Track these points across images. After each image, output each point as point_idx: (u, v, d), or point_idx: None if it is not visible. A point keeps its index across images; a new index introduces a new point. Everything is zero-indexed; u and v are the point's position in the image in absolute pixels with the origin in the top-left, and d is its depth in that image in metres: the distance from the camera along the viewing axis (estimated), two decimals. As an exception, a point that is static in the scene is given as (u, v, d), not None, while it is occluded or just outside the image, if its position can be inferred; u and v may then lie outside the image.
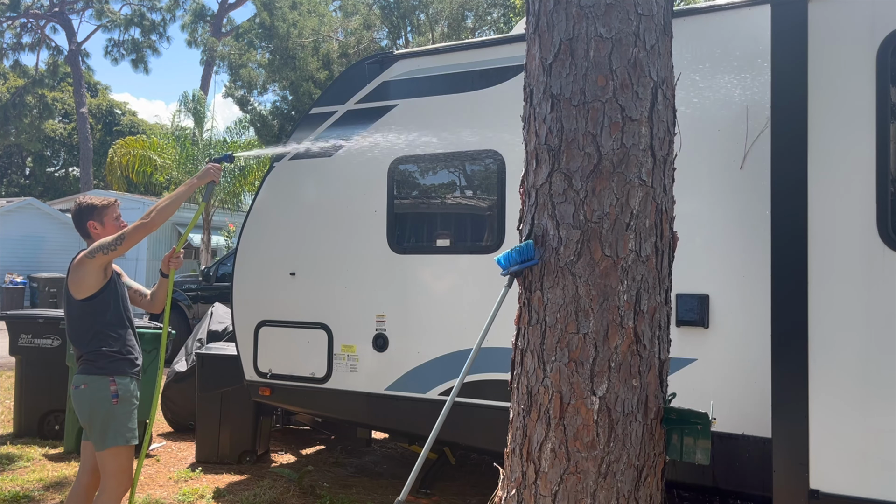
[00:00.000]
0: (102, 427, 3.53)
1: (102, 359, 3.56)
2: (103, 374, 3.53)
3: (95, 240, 3.65)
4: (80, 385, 3.55)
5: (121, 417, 3.54)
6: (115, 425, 3.53)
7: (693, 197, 3.74)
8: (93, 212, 3.72)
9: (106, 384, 3.53)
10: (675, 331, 3.55)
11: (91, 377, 3.54)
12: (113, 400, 3.52)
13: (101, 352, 3.56)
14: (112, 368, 3.56)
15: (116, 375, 3.56)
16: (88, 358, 3.57)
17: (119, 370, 3.58)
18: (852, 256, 3.03)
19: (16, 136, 35.41)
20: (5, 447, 6.15)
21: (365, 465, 6.02)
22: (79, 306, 3.60)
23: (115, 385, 3.53)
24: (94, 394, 3.52)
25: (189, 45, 36.99)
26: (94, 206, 3.74)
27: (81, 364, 3.60)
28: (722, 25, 3.85)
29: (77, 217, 3.75)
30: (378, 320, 4.76)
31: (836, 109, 3.08)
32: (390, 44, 21.86)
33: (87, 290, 3.57)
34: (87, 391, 3.54)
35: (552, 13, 2.63)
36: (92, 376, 3.54)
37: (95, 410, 3.53)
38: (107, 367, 3.55)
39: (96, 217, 3.72)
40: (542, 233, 2.62)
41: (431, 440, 3.22)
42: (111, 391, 3.52)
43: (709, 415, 2.60)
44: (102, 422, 3.52)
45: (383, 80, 4.89)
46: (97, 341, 3.57)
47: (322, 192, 5.14)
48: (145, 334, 6.22)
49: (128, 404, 3.59)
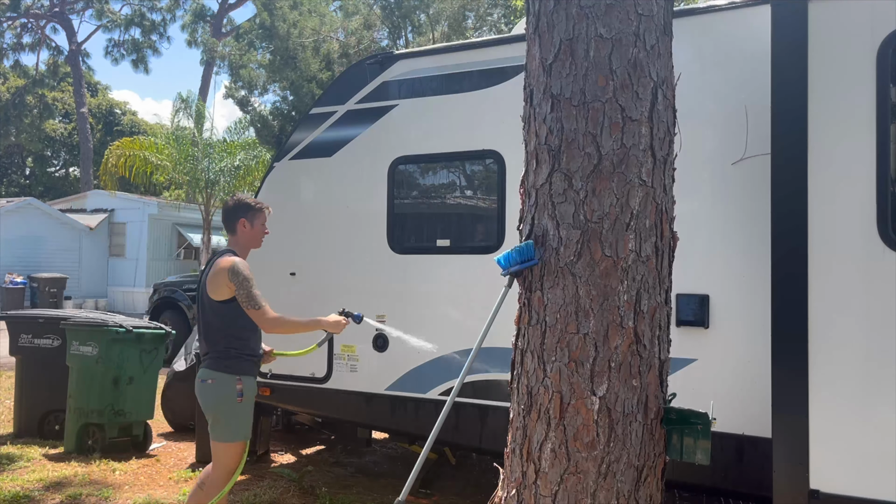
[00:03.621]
0: (225, 422, 3.68)
1: (231, 358, 3.68)
2: (231, 373, 3.66)
3: (241, 238, 3.80)
4: (208, 380, 3.68)
5: (242, 415, 3.69)
6: (237, 422, 3.68)
7: (693, 197, 3.74)
8: (247, 211, 3.81)
9: (233, 383, 3.65)
10: (675, 331, 3.55)
11: (219, 374, 3.66)
12: (238, 398, 3.65)
13: (231, 352, 3.68)
14: (240, 368, 3.69)
15: (243, 375, 3.69)
16: (216, 356, 3.70)
17: (246, 370, 3.72)
18: (852, 256, 3.03)
19: (16, 136, 35.42)
20: (5, 447, 6.15)
21: (365, 465, 6.02)
22: (215, 306, 3.69)
23: (241, 384, 3.67)
24: (220, 390, 3.65)
25: (189, 46, 36.99)
26: (250, 205, 3.83)
27: (209, 360, 3.73)
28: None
29: (230, 212, 3.83)
30: (378, 320, 4.76)
31: (836, 109, 3.08)
32: (391, 44, 21.86)
33: (223, 295, 3.67)
34: (213, 386, 3.67)
35: (552, 13, 2.63)
36: (220, 373, 3.66)
37: (221, 406, 3.67)
38: (235, 366, 3.67)
39: (249, 216, 3.81)
40: (542, 233, 2.62)
41: (431, 440, 3.22)
42: (237, 390, 3.65)
43: (709, 415, 2.60)
44: (226, 417, 3.67)
45: (383, 80, 4.89)
46: (228, 341, 3.69)
47: (322, 193, 5.14)
48: (145, 334, 6.24)
49: (249, 403, 3.73)
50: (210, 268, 3.72)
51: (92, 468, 5.61)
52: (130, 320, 6.44)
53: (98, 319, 6.21)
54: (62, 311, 9.79)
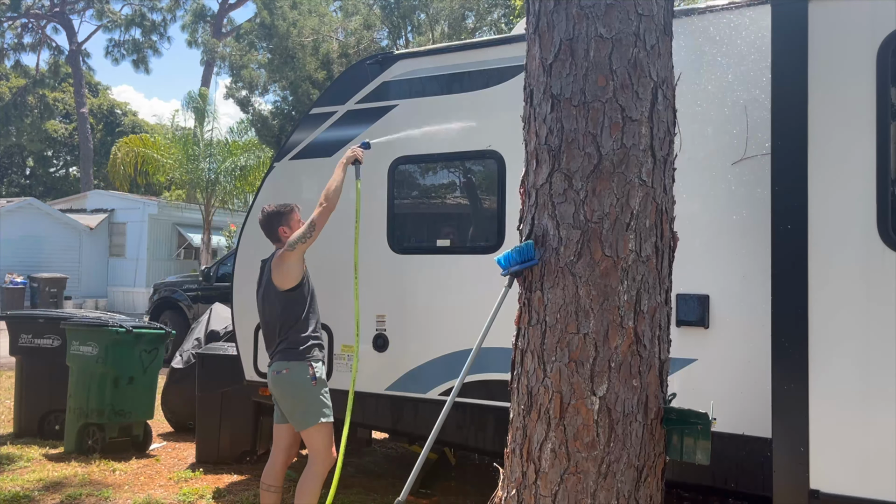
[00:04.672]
0: (305, 408, 3.87)
1: (301, 345, 3.89)
2: (302, 360, 3.88)
3: (285, 242, 3.99)
4: (282, 370, 3.88)
5: (319, 397, 3.89)
6: (316, 405, 3.87)
7: (693, 197, 3.74)
8: (281, 217, 4.07)
9: (305, 368, 3.87)
10: (676, 331, 3.54)
11: (292, 363, 3.87)
12: (312, 382, 3.86)
13: (300, 339, 3.89)
14: (310, 355, 3.91)
15: (313, 360, 3.91)
16: (288, 346, 3.90)
17: (314, 356, 3.93)
18: (852, 256, 3.03)
19: (17, 136, 35.44)
20: (5, 447, 6.15)
21: (365, 465, 6.02)
22: (283, 297, 3.92)
23: (313, 369, 3.88)
24: (295, 378, 3.86)
25: (189, 46, 36.98)
26: (280, 212, 4.08)
27: (280, 352, 3.92)
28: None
29: (267, 224, 4.09)
30: (378, 320, 4.76)
31: (836, 109, 3.08)
32: (391, 44, 21.85)
33: (291, 281, 3.91)
34: (288, 375, 3.87)
35: (552, 13, 2.63)
36: (292, 362, 3.87)
37: (298, 393, 3.88)
38: (305, 353, 3.89)
39: (284, 222, 4.06)
40: (543, 233, 2.62)
41: (431, 440, 3.22)
42: (310, 374, 3.87)
43: (709, 415, 2.60)
44: (305, 403, 3.87)
45: (383, 80, 4.89)
46: (297, 330, 3.91)
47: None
48: (145, 334, 6.24)
49: (322, 385, 3.93)
50: (269, 263, 3.99)
51: (92, 468, 5.61)
52: (130, 320, 6.44)
53: (98, 319, 6.22)
54: (62, 311, 9.80)
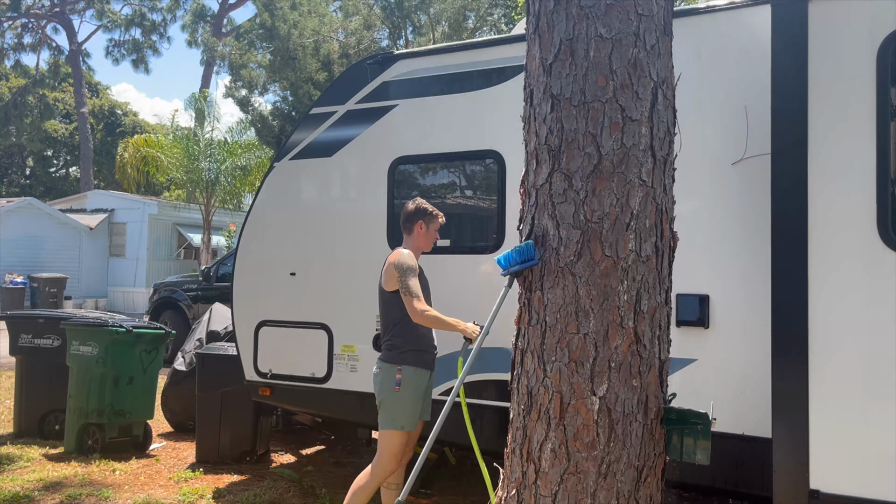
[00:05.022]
0: (383, 410, 3.86)
1: (395, 349, 3.88)
2: (393, 363, 3.86)
3: (415, 238, 4.00)
4: (376, 370, 3.92)
5: (399, 405, 3.83)
6: (393, 411, 3.84)
7: (693, 197, 3.74)
8: (425, 215, 4.01)
9: (393, 372, 3.84)
10: (675, 331, 3.55)
11: (384, 364, 3.89)
12: (395, 387, 3.82)
13: (395, 342, 3.88)
14: (401, 358, 3.86)
15: (404, 365, 3.85)
16: (385, 346, 3.92)
17: (407, 360, 3.86)
18: (852, 257, 3.02)
19: (17, 136, 35.43)
20: (5, 447, 6.15)
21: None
22: (386, 298, 3.92)
23: (401, 374, 3.83)
24: (383, 379, 3.86)
25: (189, 46, 37.01)
26: (429, 211, 4.02)
27: (381, 350, 3.97)
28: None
29: (411, 214, 4.02)
30: (378, 320, 4.75)
31: (836, 109, 3.08)
32: (391, 44, 21.85)
33: (392, 285, 3.87)
34: (378, 375, 3.90)
35: (552, 13, 2.63)
36: (384, 363, 3.89)
37: (380, 393, 3.87)
38: (397, 357, 3.86)
39: (426, 220, 4.01)
40: (543, 233, 2.62)
41: (431, 440, 3.23)
42: (396, 379, 3.83)
43: (709, 415, 2.60)
44: (384, 405, 3.85)
45: (384, 80, 4.89)
46: (394, 332, 3.90)
47: (322, 192, 5.14)
48: (145, 335, 6.24)
49: (408, 393, 3.84)
50: (385, 262, 3.97)
51: (92, 468, 5.61)
52: (130, 320, 6.44)
53: (98, 319, 6.22)
54: (62, 311, 9.80)
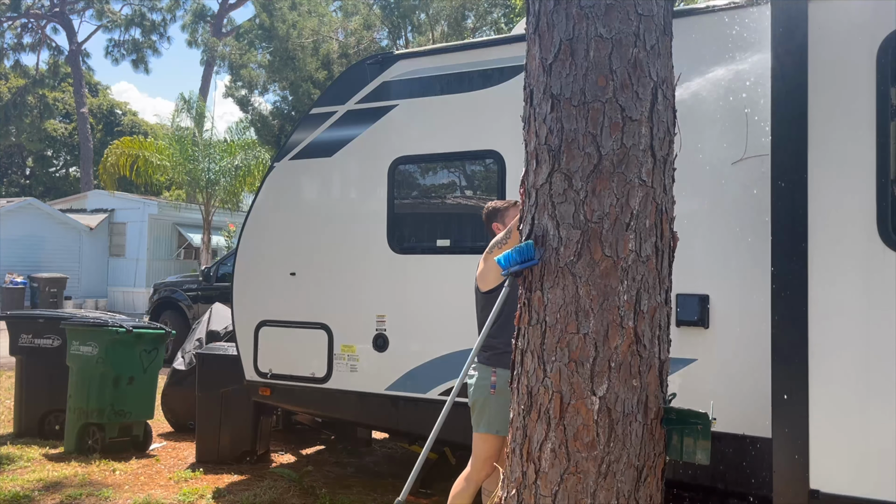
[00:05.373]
0: (478, 413, 3.77)
1: (490, 350, 3.75)
2: (489, 365, 3.75)
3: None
4: (473, 372, 3.82)
5: (494, 408, 3.70)
6: (489, 414, 3.73)
7: (693, 197, 3.74)
8: (496, 215, 3.95)
9: (488, 374, 3.74)
10: (675, 331, 3.55)
11: (480, 366, 3.79)
12: (491, 390, 3.72)
13: (491, 343, 3.74)
14: (496, 361, 3.72)
15: (499, 367, 3.71)
16: (482, 348, 3.78)
17: (503, 363, 3.72)
18: (852, 257, 3.02)
19: (16, 135, 35.41)
20: (5, 447, 6.15)
21: (365, 465, 6.02)
22: (480, 298, 3.83)
23: (496, 377, 3.71)
24: (478, 381, 3.78)
25: (189, 46, 37.00)
26: (498, 209, 3.95)
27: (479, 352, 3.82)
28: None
29: (486, 220, 4.00)
30: (378, 320, 4.76)
31: (836, 109, 3.08)
32: (390, 44, 21.86)
33: (488, 284, 3.74)
34: (474, 377, 3.81)
35: (552, 13, 2.62)
36: (481, 365, 3.79)
37: (474, 395, 3.78)
38: (492, 359, 3.74)
39: (499, 219, 3.94)
40: (543, 233, 2.62)
41: (431, 440, 3.23)
42: (491, 381, 3.73)
43: (709, 415, 2.60)
44: (479, 408, 3.76)
45: (383, 80, 4.89)
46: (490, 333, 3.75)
47: (322, 192, 5.14)
48: (145, 334, 6.24)
49: (504, 396, 3.70)
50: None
51: (92, 468, 5.61)
52: (130, 320, 6.44)
53: (98, 319, 6.22)
54: (62, 311, 9.80)
